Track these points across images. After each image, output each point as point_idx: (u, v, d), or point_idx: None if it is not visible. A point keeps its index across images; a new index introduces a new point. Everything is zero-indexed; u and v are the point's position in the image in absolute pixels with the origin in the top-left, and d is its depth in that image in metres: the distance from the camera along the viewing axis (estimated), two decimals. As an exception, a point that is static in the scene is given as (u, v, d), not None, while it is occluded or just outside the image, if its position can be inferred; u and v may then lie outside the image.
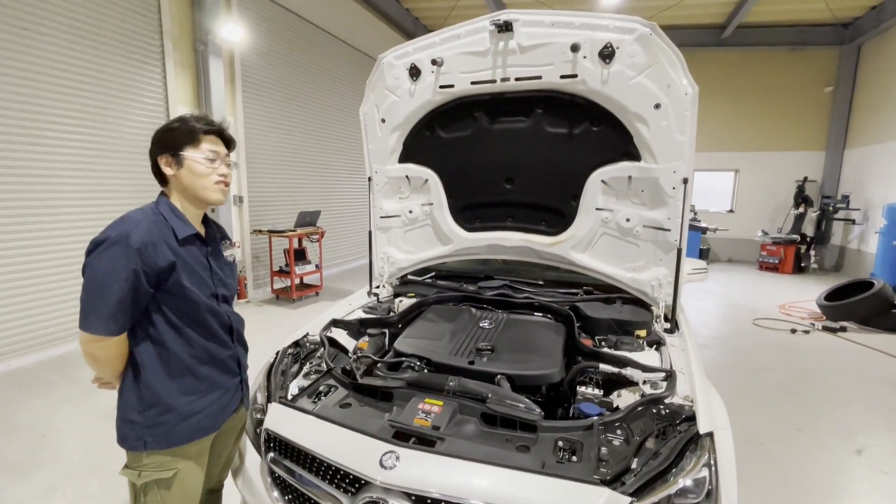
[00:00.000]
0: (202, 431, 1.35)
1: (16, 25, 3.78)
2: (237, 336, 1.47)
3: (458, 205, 2.31)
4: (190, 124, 1.33)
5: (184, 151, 1.31)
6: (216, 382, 1.39)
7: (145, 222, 1.24)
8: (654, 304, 2.02)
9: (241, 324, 1.50)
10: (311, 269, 6.41)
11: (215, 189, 1.37)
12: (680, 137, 1.76)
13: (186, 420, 1.31)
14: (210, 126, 1.36)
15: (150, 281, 1.22)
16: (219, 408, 1.40)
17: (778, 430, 3.03)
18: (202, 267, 1.37)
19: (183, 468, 1.33)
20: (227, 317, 1.42)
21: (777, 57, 9.34)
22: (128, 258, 1.17)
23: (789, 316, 5.81)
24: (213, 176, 1.35)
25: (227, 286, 1.47)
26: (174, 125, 1.33)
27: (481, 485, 1.09)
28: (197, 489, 1.40)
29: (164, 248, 1.24)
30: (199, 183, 1.33)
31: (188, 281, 1.29)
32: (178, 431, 1.30)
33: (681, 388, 1.43)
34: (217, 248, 1.46)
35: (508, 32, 1.84)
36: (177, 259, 1.27)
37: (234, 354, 1.45)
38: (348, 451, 1.22)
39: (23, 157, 3.86)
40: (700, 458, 1.15)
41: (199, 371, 1.34)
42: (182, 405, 1.31)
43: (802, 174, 9.39)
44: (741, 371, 4.06)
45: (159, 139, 1.33)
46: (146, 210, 1.30)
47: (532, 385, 1.56)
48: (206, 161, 1.32)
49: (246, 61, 6.12)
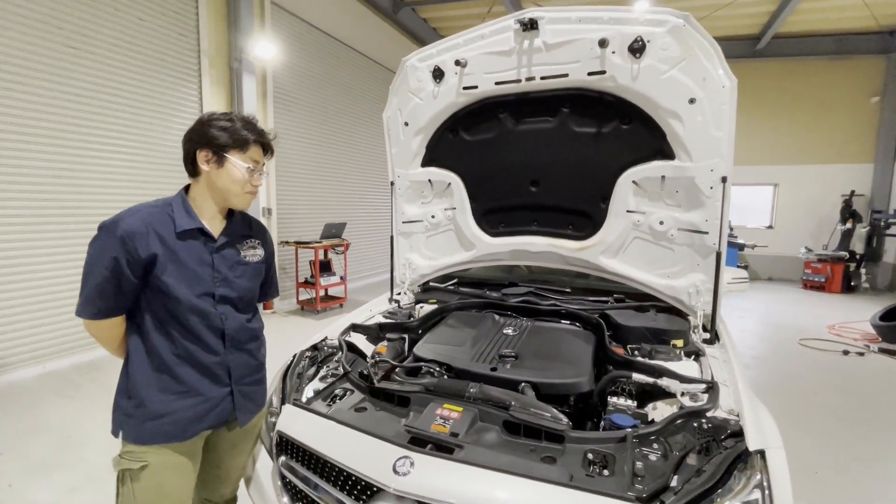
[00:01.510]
0: (166, 437, 1.28)
1: (67, 45, 4.03)
2: (232, 342, 1.36)
3: (481, 209, 2.25)
4: (241, 132, 1.31)
5: (228, 154, 1.30)
6: (195, 388, 1.31)
7: (144, 212, 1.25)
8: (691, 313, 1.89)
9: (242, 331, 1.39)
10: (336, 281, 6.45)
11: (245, 198, 1.37)
12: (717, 133, 1.65)
13: (154, 419, 1.27)
14: (261, 137, 1.37)
15: (135, 270, 1.21)
16: (193, 416, 1.30)
17: (834, 458, 2.76)
18: (200, 263, 1.31)
19: (155, 465, 1.28)
20: (219, 319, 1.33)
21: (816, 67, 8.99)
22: (111, 246, 1.19)
23: (840, 336, 5.41)
24: (247, 185, 1.35)
25: (233, 287, 1.37)
26: (224, 124, 1.31)
27: (502, 496, 1.00)
28: (180, 495, 1.33)
29: (151, 240, 1.23)
30: (232, 188, 1.33)
31: (172, 276, 1.25)
32: (145, 428, 1.27)
33: (724, 402, 1.30)
34: (232, 246, 1.40)
35: (533, 31, 1.80)
36: (165, 252, 1.24)
37: (224, 362, 1.35)
38: (360, 456, 1.15)
39: (72, 167, 4.07)
40: (751, 479, 1.03)
41: (178, 372, 1.28)
42: (154, 403, 1.27)
43: (848, 188, 8.88)
44: (788, 393, 3.77)
45: (205, 133, 1.29)
46: (159, 201, 1.30)
47: (559, 394, 1.46)
48: (246, 170, 1.32)
49: (277, 77, 6.33)
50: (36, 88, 3.84)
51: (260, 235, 1.51)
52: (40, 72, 3.86)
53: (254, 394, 1.46)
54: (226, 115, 1.34)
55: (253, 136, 1.33)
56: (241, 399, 1.41)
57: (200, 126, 1.31)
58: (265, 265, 1.51)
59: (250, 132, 1.33)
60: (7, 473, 2.50)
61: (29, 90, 3.80)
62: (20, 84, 3.75)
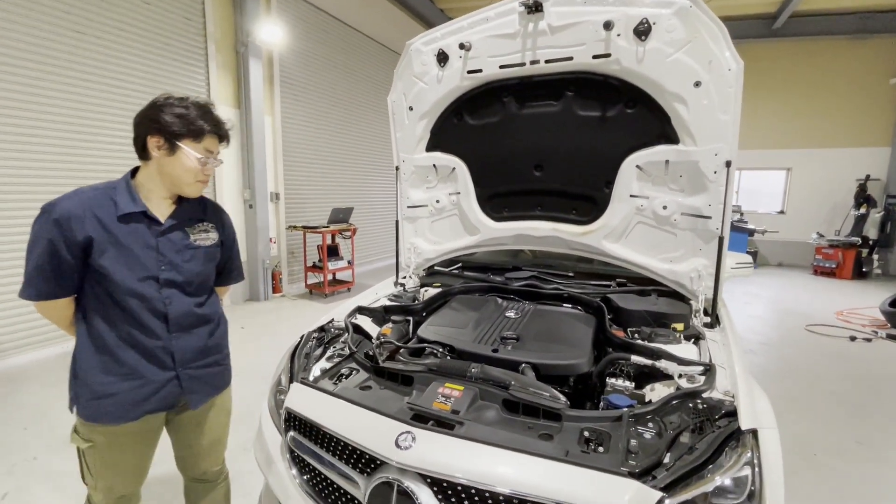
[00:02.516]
0: (109, 417, 1.31)
1: (74, 30, 4.05)
2: (176, 326, 1.36)
3: (485, 194, 2.26)
4: (197, 122, 1.28)
5: (181, 142, 1.27)
6: (137, 371, 1.32)
7: (84, 195, 1.25)
8: (692, 297, 1.90)
9: (188, 315, 1.38)
10: (344, 265, 6.52)
11: (196, 187, 1.35)
12: (723, 117, 1.64)
13: (96, 399, 1.30)
14: (217, 128, 1.34)
15: (73, 253, 1.22)
16: (135, 398, 1.32)
17: (835, 441, 2.79)
18: (144, 247, 1.30)
19: (100, 444, 1.35)
20: (162, 304, 1.32)
21: (835, 47, 8.72)
22: (47, 228, 1.21)
23: (848, 323, 5.38)
24: (199, 174, 1.33)
25: (180, 271, 1.36)
26: (179, 111, 1.27)
27: (500, 469, 1.04)
28: (133, 469, 1.43)
29: (88, 223, 1.22)
30: (183, 177, 1.31)
31: (111, 260, 1.25)
32: (90, 407, 1.31)
33: (721, 384, 1.32)
34: (181, 230, 1.38)
35: (538, 13, 1.78)
36: (104, 235, 1.24)
37: (167, 347, 1.35)
38: (364, 431, 1.19)
39: (79, 152, 4.12)
40: (741, 456, 1.05)
41: (120, 354, 1.30)
42: (96, 384, 1.30)
43: (863, 172, 8.71)
44: (793, 378, 3.78)
45: (158, 119, 1.26)
46: (104, 184, 1.31)
47: (558, 375, 1.49)
48: (198, 160, 1.30)
49: (283, 62, 6.31)
50: (43, 73, 3.88)
51: (215, 219, 1.50)
52: (47, 56, 3.90)
53: (207, 377, 1.47)
54: (181, 100, 1.30)
55: (209, 126, 1.30)
56: (191, 382, 1.42)
57: (153, 110, 1.27)
58: (221, 249, 1.51)
59: (206, 122, 1.30)
60: (31, 447, 2.62)
61: (37, 75, 3.84)
62: (27, 69, 3.79)
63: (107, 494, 1.46)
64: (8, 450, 2.60)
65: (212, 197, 5.45)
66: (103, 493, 1.45)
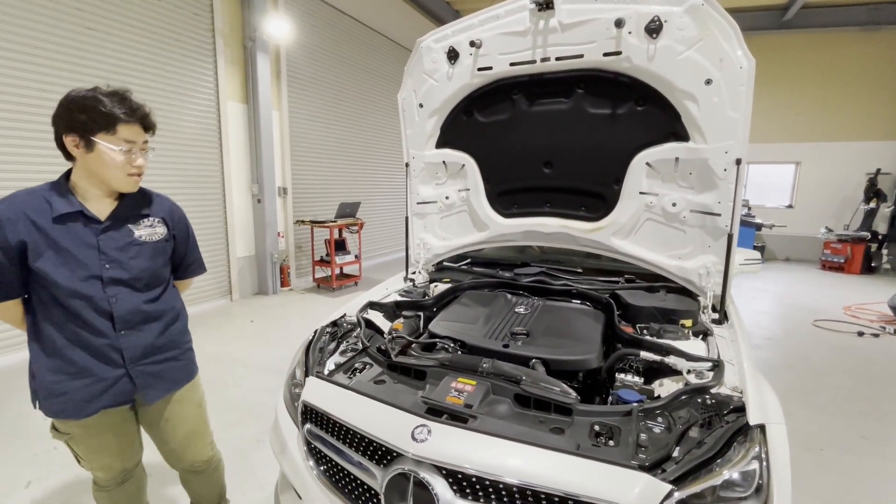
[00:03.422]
0: (64, 414, 1.35)
1: (84, 26, 4.08)
2: (123, 325, 1.35)
3: (494, 190, 2.28)
4: (107, 108, 1.21)
5: (96, 137, 1.21)
6: (87, 369, 1.33)
7: (17, 198, 1.25)
8: (701, 294, 1.92)
9: (135, 312, 1.37)
10: (351, 260, 6.57)
11: (129, 181, 1.30)
12: (733, 115, 1.65)
13: (52, 398, 1.33)
14: (131, 113, 1.25)
15: (8, 256, 1.21)
16: (86, 395, 1.34)
17: (841, 436, 2.81)
18: (84, 246, 1.28)
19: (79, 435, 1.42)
20: (107, 302, 1.31)
21: (845, 39, 8.58)
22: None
23: (856, 318, 5.36)
24: (127, 167, 1.27)
25: (125, 268, 1.34)
26: (87, 103, 1.20)
27: (513, 462, 1.07)
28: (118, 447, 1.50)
29: (20, 226, 1.21)
30: (109, 174, 1.26)
31: (49, 262, 1.24)
32: (47, 405, 1.35)
33: (729, 379, 1.34)
34: (123, 227, 1.36)
35: (549, 10, 1.79)
36: (38, 237, 1.22)
37: (114, 345, 1.35)
38: (381, 424, 1.23)
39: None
40: (749, 451, 1.08)
41: (68, 354, 1.31)
42: (48, 382, 1.32)
43: (874, 166, 8.60)
44: (799, 373, 3.79)
45: (66, 116, 1.21)
46: (40, 186, 1.30)
47: (568, 370, 1.52)
48: (121, 153, 1.24)
49: (290, 56, 6.32)
50: (55, 69, 3.92)
51: (161, 213, 1.47)
52: (59, 52, 3.93)
53: (162, 372, 1.47)
54: (90, 91, 1.23)
55: (121, 113, 1.22)
56: (144, 378, 1.43)
57: (61, 108, 1.22)
58: (172, 243, 1.50)
59: (118, 109, 1.22)
60: (52, 438, 2.69)
61: (48, 71, 3.88)
62: (40, 65, 3.83)
63: (107, 473, 1.53)
64: (30, 440, 2.67)
65: (220, 192, 5.51)
66: (103, 472, 1.52)
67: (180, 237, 1.55)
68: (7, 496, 2.21)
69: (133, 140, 1.28)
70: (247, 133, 5.82)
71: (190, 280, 1.68)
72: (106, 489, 1.59)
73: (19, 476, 2.36)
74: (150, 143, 1.38)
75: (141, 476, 1.69)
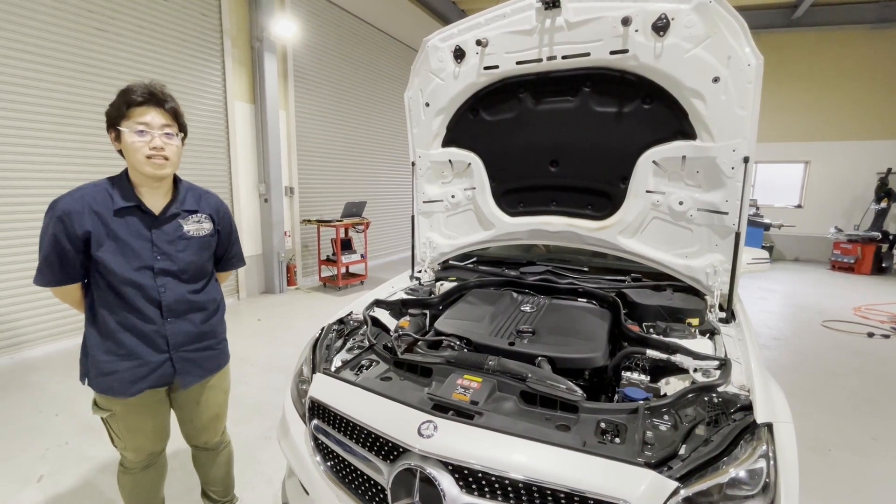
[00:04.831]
0: (114, 392, 1.46)
1: (94, 27, 4.14)
2: (170, 312, 1.46)
3: (500, 189, 2.28)
4: (123, 98, 1.32)
5: (119, 126, 1.33)
6: (135, 352, 1.44)
7: (85, 191, 1.35)
8: (708, 293, 1.91)
9: (182, 302, 1.48)
10: (357, 259, 6.59)
11: (147, 164, 1.35)
12: (741, 112, 1.64)
13: (103, 376, 1.44)
14: (141, 97, 1.32)
15: (75, 245, 1.33)
16: (133, 377, 1.45)
17: (850, 437, 2.78)
18: (139, 238, 1.40)
19: (120, 412, 1.49)
20: (156, 291, 1.43)
21: (856, 37, 8.49)
22: (51, 224, 1.32)
23: (866, 319, 5.30)
24: (145, 149, 1.33)
25: (174, 260, 1.46)
26: (115, 99, 1.35)
27: (519, 458, 1.07)
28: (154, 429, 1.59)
29: (86, 218, 1.32)
30: (134, 157, 1.34)
31: (108, 252, 1.35)
32: (99, 382, 1.46)
33: (736, 378, 1.34)
34: (174, 221, 1.48)
35: (556, 9, 1.79)
36: (101, 228, 1.34)
37: (161, 331, 1.46)
38: (388, 420, 1.24)
39: (100, 147, 4.23)
40: (756, 449, 1.07)
41: (120, 337, 1.42)
42: (101, 363, 1.44)
43: (885, 165, 8.49)
44: (808, 374, 3.76)
45: (106, 115, 1.36)
46: (105, 179, 1.40)
47: (574, 368, 1.52)
48: (135, 135, 1.32)
49: (297, 56, 6.36)
50: (67, 70, 3.98)
51: (209, 210, 1.58)
52: (72, 54, 3.99)
53: (200, 360, 1.58)
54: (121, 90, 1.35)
55: (136, 96, 1.31)
56: (183, 364, 1.53)
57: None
58: (216, 238, 1.60)
59: (132, 94, 1.32)
60: (63, 433, 2.73)
61: (58, 72, 3.94)
62: (52, 66, 3.89)
63: (138, 453, 1.61)
64: (41, 435, 2.71)
65: (227, 191, 5.55)
66: (134, 452, 1.60)
67: (224, 232, 1.65)
68: (20, 490, 2.24)
69: (147, 122, 1.34)
70: (254, 133, 5.86)
71: (229, 273, 1.80)
72: (132, 472, 1.67)
73: (32, 470, 2.39)
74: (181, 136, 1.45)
75: (163, 465, 1.77)
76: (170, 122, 1.40)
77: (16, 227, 3.78)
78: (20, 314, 3.87)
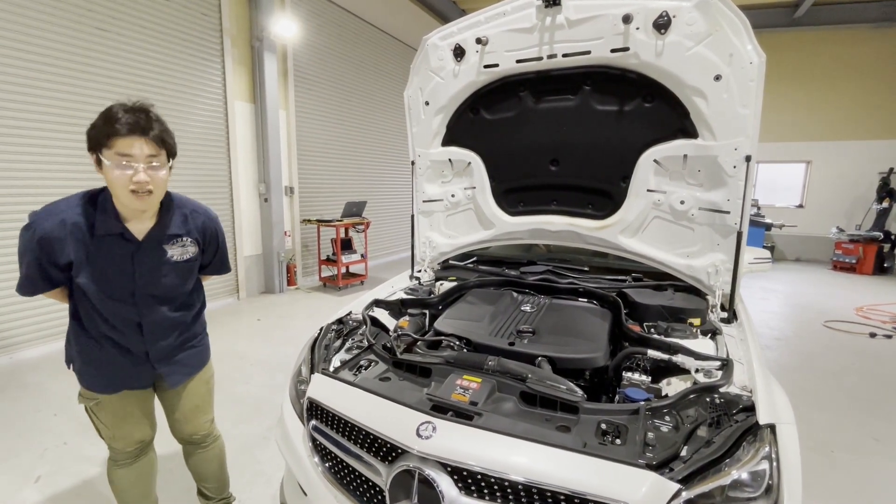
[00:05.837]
0: (98, 387, 1.49)
1: (95, 27, 4.13)
2: (150, 333, 1.47)
3: (500, 188, 2.27)
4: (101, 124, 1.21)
5: (100, 154, 1.22)
6: (116, 360, 1.47)
7: (65, 215, 1.27)
8: (709, 293, 1.90)
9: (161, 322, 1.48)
10: (357, 259, 6.58)
11: (129, 198, 1.25)
12: (743, 111, 1.63)
13: (87, 365, 1.47)
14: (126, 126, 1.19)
15: (57, 266, 1.31)
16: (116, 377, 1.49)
17: (852, 438, 2.76)
18: (119, 264, 1.36)
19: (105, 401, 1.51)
20: (136, 314, 1.43)
21: (857, 36, 8.46)
22: (31, 246, 1.28)
23: (868, 319, 5.28)
24: (128, 184, 1.23)
25: (157, 285, 1.43)
26: (96, 120, 1.23)
27: (519, 459, 1.06)
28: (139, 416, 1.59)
29: (68, 245, 1.28)
30: (115, 190, 1.25)
31: (88, 277, 1.33)
32: (83, 374, 1.49)
33: (738, 378, 1.33)
34: (158, 247, 1.42)
35: (556, 7, 1.78)
36: (83, 255, 1.31)
37: (141, 347, 1.48)
38: (386, 420, 1.22)
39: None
40: (759, 451, 1.06)
41: (102, 343, 1.45)
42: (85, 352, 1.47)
43: (886, 165, 8.46)
44: (809, 374, 3.74)
45: (87, 137, 1.25)
46: (83, 196, 1.32)
47: (574, 369, 1.51)
48: (116, 169, 1.21)
49: (297, 56, 6.35)
50: (66, 70, 3.97)
51: (196, 233, 1.52)
52: (72, 53, 3.98)
53: (183, 360, 1.60)
54: (105, 110, 1.24)
55: (116, 125, 1.18)
56: (167, 366, 1.55)
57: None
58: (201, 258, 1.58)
59: (115, 123, 1.19)
60: (62, 433, 2.72)
61: (58, 71, 3.93)
62: (53, 66, 3.88)
63: (127, 442, 1.59)
64: (40, 435, 2.70)
65: (227, 191, 5.54)
66: (123, 441, 1.58)
67: (209, 250, 1.64)
68: (18, 490, 2.24)
69: (128, 154, 1.22)
70: (254, 132, 5.85)
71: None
72: (122, 464, 1.65)
73: (30, 470, 2.38)
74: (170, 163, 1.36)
75: (153, 459, 1.75)
76: (156, 151, 1.28)
77: (10, 228, 3.77)
78: (19, 314, 3.86)
